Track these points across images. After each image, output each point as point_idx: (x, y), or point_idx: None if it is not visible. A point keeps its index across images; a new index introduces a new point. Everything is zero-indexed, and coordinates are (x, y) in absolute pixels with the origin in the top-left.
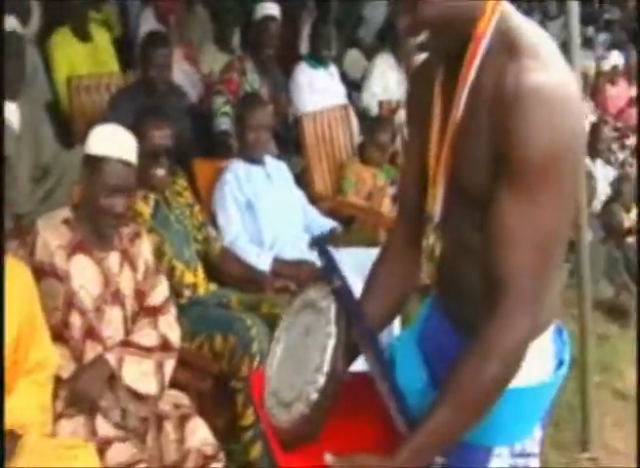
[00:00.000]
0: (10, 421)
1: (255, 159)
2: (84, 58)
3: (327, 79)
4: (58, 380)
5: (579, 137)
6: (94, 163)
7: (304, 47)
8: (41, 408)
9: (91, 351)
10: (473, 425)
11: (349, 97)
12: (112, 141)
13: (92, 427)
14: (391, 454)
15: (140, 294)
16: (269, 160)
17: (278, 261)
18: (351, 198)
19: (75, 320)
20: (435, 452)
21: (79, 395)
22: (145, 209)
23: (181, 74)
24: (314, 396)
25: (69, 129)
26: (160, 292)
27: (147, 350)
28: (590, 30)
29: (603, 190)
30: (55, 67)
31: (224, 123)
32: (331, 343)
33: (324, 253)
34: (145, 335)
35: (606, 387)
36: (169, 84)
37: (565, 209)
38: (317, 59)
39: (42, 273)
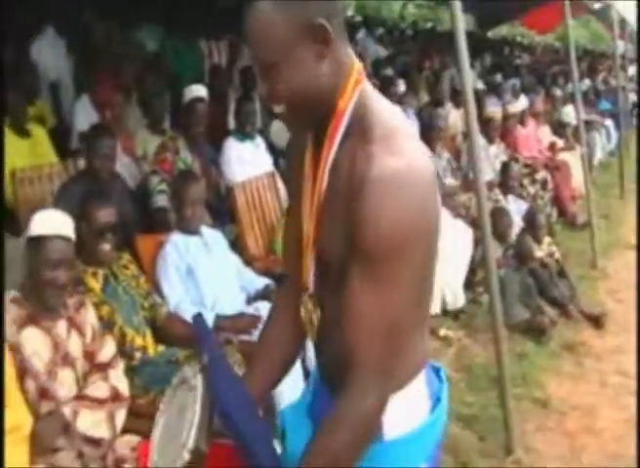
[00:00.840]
0: None
1: (192, 231)
2: (25, 153)
3: (254, 150)
4: None
5: (428, 219)
6: (36, 243)
7: (232, 122)
8: (17, 465)
9: (46, 410)
10: None
11: (277, 164)
12: (51, 222)
13: None
14: None
15: (89, 355)
16: (205, 230)
17: (220, 318)
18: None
19: (29, 384)
20: None
21: (36, 441)
22: (96, 284)
23: (121, 166)
24: None
25: (14, 218)
26: (108, 350)
27: (100, 402)
28: (499, 77)
29: (516, 223)
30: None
31: (161, 200)
32: (195, 421)
33: (198, 331)
34: (97, 388)
35: (526, 398)
36: (112, 172)
37: (415, 288)
38: (243, 133)
39: None
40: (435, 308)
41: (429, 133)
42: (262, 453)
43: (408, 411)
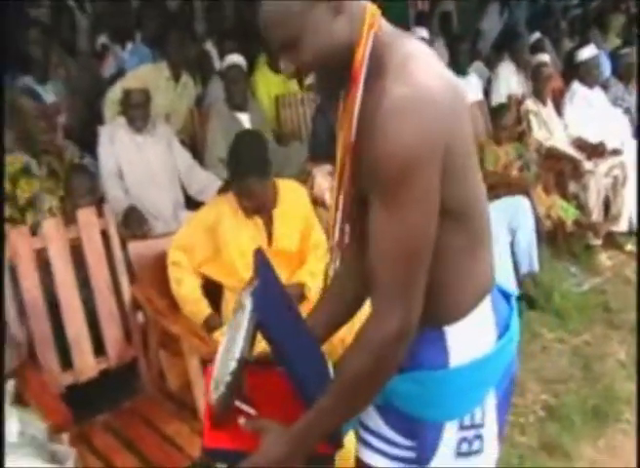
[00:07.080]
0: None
1: None
2: (279, 84)
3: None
4: None
5: (438, 140)
6: None
7: None
8: (310, 273)
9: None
10: (354, 411)
11: None
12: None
13: None
14: (288, 427)
15: None
16: None
17: None
18: (489, 169)
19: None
20: (321, 432)
21: None
22: None
23: None
24: (227, 378)
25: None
26: None
27: None
28: None
29: None
30: (258, 90)
31: None
32: (241, 334)
33: (257, 262)
34: None
35: None
36: None
37: (426, 212)
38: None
39: (314, 202)
40: (622, 226)
41: None
42: (306, 371)
43: (473, 339)
